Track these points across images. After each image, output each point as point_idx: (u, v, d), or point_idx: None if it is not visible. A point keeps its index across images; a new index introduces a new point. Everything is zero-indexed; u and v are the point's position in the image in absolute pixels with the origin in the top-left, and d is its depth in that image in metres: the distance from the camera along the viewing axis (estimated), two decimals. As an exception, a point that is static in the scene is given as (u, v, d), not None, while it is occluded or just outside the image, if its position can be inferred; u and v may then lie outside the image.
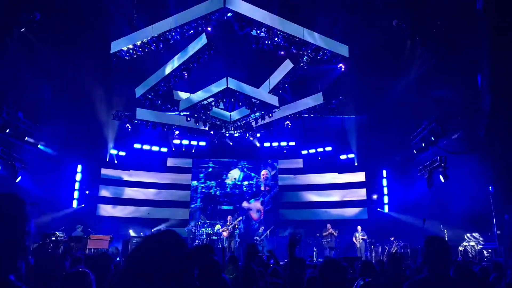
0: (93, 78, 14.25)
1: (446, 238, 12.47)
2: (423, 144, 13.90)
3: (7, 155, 13.22)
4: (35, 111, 14.03)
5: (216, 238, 16.67)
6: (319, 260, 13.90)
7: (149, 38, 11.91)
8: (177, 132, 17.23)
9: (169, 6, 12.36)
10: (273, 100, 14.68)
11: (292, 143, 20.00)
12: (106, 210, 18.72)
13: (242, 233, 17.60)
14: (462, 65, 11.07)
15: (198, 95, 14.46)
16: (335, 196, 19.66)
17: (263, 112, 15.49)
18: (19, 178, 13.94)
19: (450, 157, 13.17)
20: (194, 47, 13.38)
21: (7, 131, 12.78)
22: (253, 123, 16.57)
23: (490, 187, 12.00)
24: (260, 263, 8.00)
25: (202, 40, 13.09)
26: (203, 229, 17.22)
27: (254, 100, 14.38)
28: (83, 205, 17.81)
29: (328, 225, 16.69)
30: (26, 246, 1.68)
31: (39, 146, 14.78)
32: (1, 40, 11.28)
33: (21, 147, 13.87)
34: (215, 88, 13.81)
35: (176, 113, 15.87)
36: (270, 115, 15.46)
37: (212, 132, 16.92)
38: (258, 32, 11.55)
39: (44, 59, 12.69)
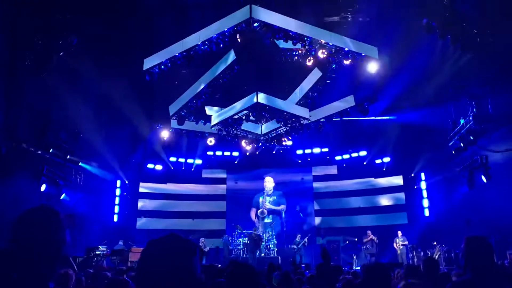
0: (130, 95, 14.72)
1: (492, 241, 11.93)
2: (462, 144, 13.40)
3: (52, 173, 13.87)
4: (76, 130, 14.67)
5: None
6: (357, 268, 13.58)
7: (178, 53, 12.26)
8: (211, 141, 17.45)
9: (197, 21, 12.65)
10: (304, 112, 14.67)
11: (325, 149, 19.79)
12: (145, 223, 19.17)
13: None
14: (500, 60, 10.66)
15: (229, 110, 14.71)
16: (372, 201, 19.26)
17: (295, 125, 15.51)
18: (63, 195, 14.57)
19: (492, 156, 12.64)
20: (223, 63, 13.75)
21: (51, 150, 13.44)
22: (284, 135, 16.60)
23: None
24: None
25: (230, 56, 13.41)
26: (240, 239, 17.29)
27: (284, 114, 14.45)
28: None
29: (369, 232, 16.39)
30: (64, 255, 1.76)
31: (80, 163, 15.41)
32: (42, 65, 11.92)
33: (63, 165, 14.50)
34: (245, 102, 14.00)
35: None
36: (301, 126, 15.45)
37: (245, 145, 17.08)
38: (285, 39, 11.62)
39: (83, 80, 13.29)
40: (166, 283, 1.41)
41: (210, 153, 19.73)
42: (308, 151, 19.80)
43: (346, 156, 19.66)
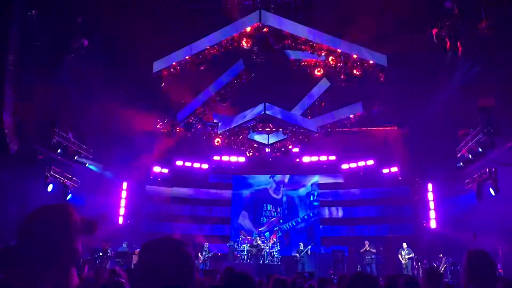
0: (138, 97, 14.81)
1: (500, 255, 11.73)
2: (470, 156, 13.23)
3: (59, 174, 13.97)
4: (83, 132, 14.76)
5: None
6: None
7: (187, 57, 12.31)
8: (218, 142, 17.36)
9: (206, 25, 12.70)
10: (311, 125, 14.63)
11: (332, 157, 19.65)
12: (150, 226, 19.17)
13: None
14: (509, 72, 10.54)
15: (236, 119, 14.73)
16: (378, 211, 19.07)
17: (300, 137, 15.50)
18: (70, 196, 14.65)
19: (501, 169, 12.45)
20: (232, 71, 13.81)
21: (59, 151, 13.54)
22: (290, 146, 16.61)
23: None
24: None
25: (239, 64, 13.48)
26: (244, 246, 17.24)
27: (291, 125, 14.46)
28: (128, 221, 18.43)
29: (366, 242, 16.28)
30: (78, 256, 1.67)
31: (87, 165, 15.49)
32: (53, 66, 12.06)
33: (70, 166, 14.59)
34: (253, 113, 14.03)
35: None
36: (307, 140, 15.45)
37: (248, 153, 17.12)
38: (294, 44, 11.63)
39: (91, 82, 13.40)
40: (164, 284, 1.44)
41: (216, 157, 19.74)
42: (315, 158, 19.69)
43: (353, 165, 19.52)
